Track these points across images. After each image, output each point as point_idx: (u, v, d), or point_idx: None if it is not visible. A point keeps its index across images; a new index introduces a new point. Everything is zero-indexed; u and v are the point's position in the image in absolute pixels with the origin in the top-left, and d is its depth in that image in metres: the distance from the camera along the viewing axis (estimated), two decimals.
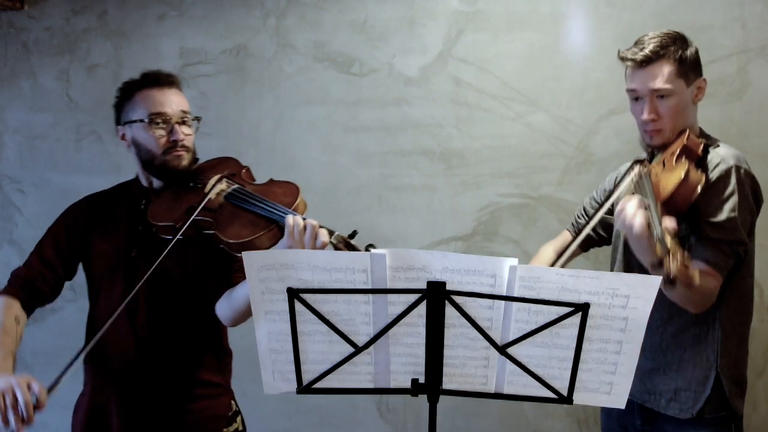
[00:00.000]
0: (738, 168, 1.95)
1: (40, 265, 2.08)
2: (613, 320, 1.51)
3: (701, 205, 1.92)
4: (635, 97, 2.04)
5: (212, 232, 1.95)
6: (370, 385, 1.62)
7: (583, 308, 1.49)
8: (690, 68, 2.00)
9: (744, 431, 2.10)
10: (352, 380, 1.61)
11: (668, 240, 1.62)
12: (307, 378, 1.61)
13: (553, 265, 2.11)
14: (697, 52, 2.05)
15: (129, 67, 3.32)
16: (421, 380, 1.58)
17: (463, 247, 3.06)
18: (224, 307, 1.98)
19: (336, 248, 1.82)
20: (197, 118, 2.13)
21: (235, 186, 2.06)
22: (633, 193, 1.89)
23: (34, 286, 2.06)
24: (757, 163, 2.87)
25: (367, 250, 1.73)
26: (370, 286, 1.52)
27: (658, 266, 1.64)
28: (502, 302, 1.52)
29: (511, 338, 1.54)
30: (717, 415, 2.00)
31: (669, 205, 1.84)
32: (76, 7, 3.37)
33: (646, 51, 1.97)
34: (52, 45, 3.40)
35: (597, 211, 2.07)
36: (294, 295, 1.54)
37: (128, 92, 2.10)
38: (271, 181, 2.12)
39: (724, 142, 2.06)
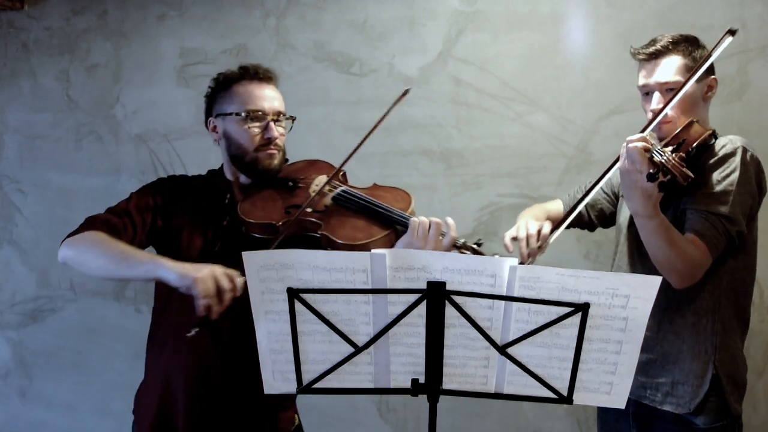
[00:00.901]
0: (745, 150, 1.95)
1: (124, 216, 1.95)
2: (613, 320, 1.51)
3: (701, 180, 1.93)
4: (646, 92, 2.06)
5: (320, 233, 1.91)
6: (370, 385, 1.62)
7: (583, 308, 1.49)
8: (702, 64, 1.99)
9: (744, 431, 2.10)
10: (352, 380, 1.61)
11: (667, 150, 1.74)
12: (307, 378, 1.61)
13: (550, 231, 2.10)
14: (709, 55, 2.02)
15: (129, 67, 3.33)
16: (421, 380, 1.58)
17: None
18: None
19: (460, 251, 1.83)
20: (292, 118, 2.09)
21: (343, 187, 2.02)
22: None
23: (116, 232, 1.92)
24: None
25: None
26: (370, 286, 1.52)
27: (650, 178, 1.72)
28: (502, 302, 1.52)
29: (511, 338, 1.54)
30: (716, 425, 1.98)
31: (671, 142, 1.90)
32: (76, 7, 3.37)
33: (657, 45, 2.01)
34: (52, 45, 3.40)
35: (595, 183, 2.07)
36: (294, 295, 1.54)
37: (225, 84, 2.05)
38: (376, 185, 2.11)
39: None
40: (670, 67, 2.00)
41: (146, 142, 3.30)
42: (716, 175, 1.94)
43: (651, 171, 1.73)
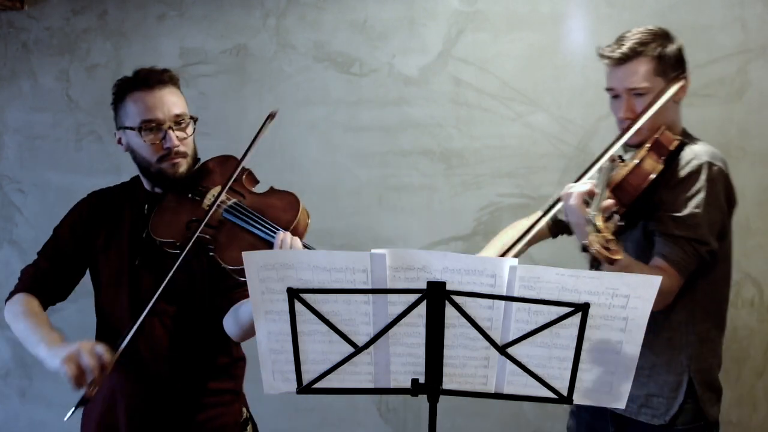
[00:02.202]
0: (710, 165, 1.89)
1: (48, 264, 2.04)
2: (613, 320, 1.51)
3: (668, 200, 1.89)
4: (614, 95, 2.01)
5: (211, 251, 1.87)
6: (370, 385, 1.62)
7: (583, 308, 1.49)
8: (670, 66, 1.95)
9: (746, 427, 2.09)
10: (352, 380, 1.61)
11: (599, 220, 1.66)
12: (307, 378, 1.60)
13: (512, 246, 2.04)
14: (680, 49, 1.98)
15: (129, 67, 3.30)
16: (421, 380, 1.58)
17: (463, 247, 3.06)
18: (230, 323, 1.91)
19: None
20: (193, 118, 2.00)
21: (233, 201, 1.95)
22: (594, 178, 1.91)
23: (44, 285, 2.03)
24: (757, 163, 2.89)
25: None
26: (370, 286, 1.52)
27: (585, 249, 1.67)
28: (502, 302, 1.51)
29: (511, 338, 1.54)
30: (691, 426, 1.95)
31: (618, 191, 1.84)
32: (76, 7, 3.37)
33: (624, 49, 1.93)
34: (52, 45, 3.40)
35: (535, 223, 2.04)
36: (294, 295, 1.53)
37: (120, 94, 1.98)
38: (272, 190, 2.01)
39: (705, 142, 2.00)
40: (638, 72, 1.93)
41: None
42: (682, 197, 1.87)
43: (583, 243, 1.70)
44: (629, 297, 1.50)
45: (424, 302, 1.51)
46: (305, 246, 1.83)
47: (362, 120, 3.16)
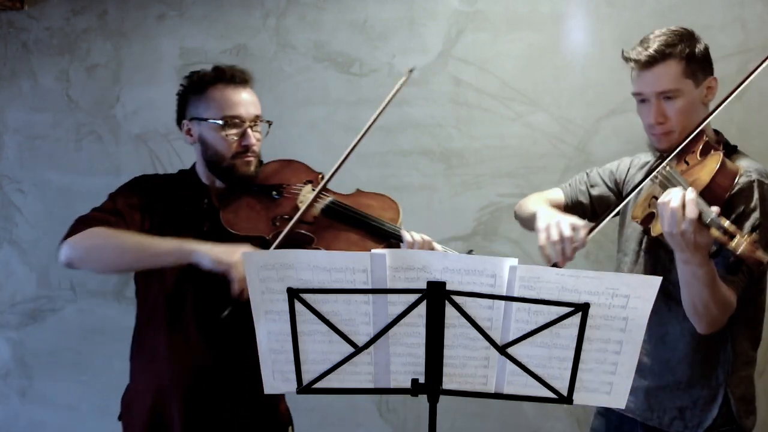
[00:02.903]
0: (761, 183, 1.82)
1: (116, 215, 1.93)
2: (613, 320, 1.51)
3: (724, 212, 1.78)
4: (641, 99, 1.95)
5: (313, 247, 1.90)
6: (370, 385, 1.62)
7: (583, 308, 1.49)
8: (699, 67, 1.90)
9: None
10: (352, 380, 1.61)
11: (725, 221, 1.57)
12: (307, 378, 1.61)
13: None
14: (706, 49, 1.94)
15: (129, 67, 3.33)
16: (421, 380, 1.58)
17: (463, 247, 3.06)
18: None
19: None
20: (268, 122, 2.05)
21: (331, 198, 2.00)
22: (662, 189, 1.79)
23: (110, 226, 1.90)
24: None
25: None
26: (370, 286, 1.52)
27: (715, 254, 1.58)
28: (502, 302, 1.52)
29: (511, 338, 1.54)
30: (722, 430, 1.93)
31: (707, 197, 1.70)
32: (76, 7, 3.37)
33: (651, 50, 1.87)
34: (52, 45, 3.40)
35: (605, 198, 2.05)
36: (294, 295, 1.54)
37: (200, 86, 1.98)
38: (359, 192, 2.08)
39: (744, 151, 1.96)
40: (667, 75, 1.87)
41: (146, 142, 3.30)
42: (737, 213, 1.77)
43: (719, 242, 1.58)
44: (629, 297, 1.50)
45: (424, 302, 1.51)
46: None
47: (362, 120, 3.12)
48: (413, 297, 1.52)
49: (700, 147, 1.85)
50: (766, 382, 2.89)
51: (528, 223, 2.14)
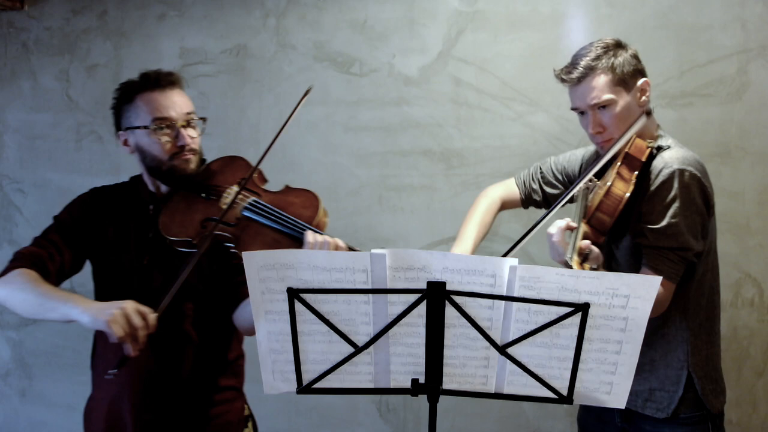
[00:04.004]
0: (682, 172, 1.90)
1: (49, 245, 1.96)
2: (613, 320, 1.51)
3: (646, 211, 1.92)
4: (580, 113, 2.06)
5: (233, 249, 1.89)
6: (370, 385, 1.62)
7: (583, 308, 1.49)
8: (628, 74, 1.99)
9: (746, 427, 2.10)
10: (352, 380, 1.61)
11: (575, 264, 1.71)
12: (307, 378, 1.61)
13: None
14: (634, 56, 2.02)
15: (129, 67, 3.33)
16: (421, 380, 1.58)
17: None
18: (244, 317, 1.92)
19: None
20: (203, 119, 2.04)
21: (251, 198, 1.98)
22: (576, 201, 1.99)
23: (43, 264, 1.93)
24: (757, 163, 2.89)
25: None
26: (370, 286, 1.52)
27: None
28: (502, 302, 1.52)
29: (511, 338, 1.54)
30: (692, 415, 2.00)
31: (595, 221, 1.89)
32: (76, 7, 3.37)
33: (579, 69, 2.00)
34: (52, 45, 3.40)
35: (556, 196, 2.16)
36: (294, 295, 1.54)
37: (128, 95, 1.99)
38: (288, 188, 2.04)
39: (679, 144, 2.02)
40: (596, 88, 1.98)
41: None
42: (658, 208, 1.90)
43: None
44: (629, 297, 1.50)
45: (424, 302, 1.51)
46: (349, 248, 1.85)
47: (362, 120, 3.16)
48: (413, 297, 1.52)
49: (620, 160, 1.94)
50: (766, 382, 2.89)
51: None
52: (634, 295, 1.50)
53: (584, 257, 1.77)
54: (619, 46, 2.02)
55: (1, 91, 3.47)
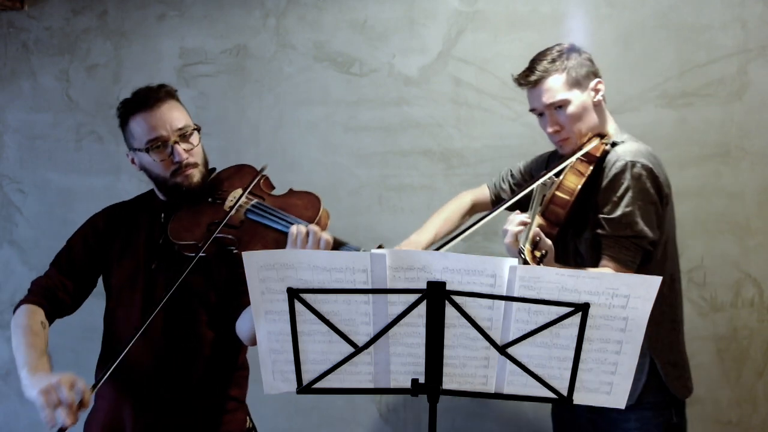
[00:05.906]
0: (633, 164, 2.00)
1: (59, 275, 2.05)
2: (613, 320, 1.52)
3: (601, 203, 2.02)
4: (538, 114, 2.15)
5: (235, 253, 1.91)
6: (370, 385, 1.62)
7: (583, 308, 1.49)
8: (581, 75, 2.09)
9: (746, 427, 2.11)
10: (352, 380, 1.61)
11: (527, 253, 1.80)
12: (307, 378, 1.61)
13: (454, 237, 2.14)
14: (588, 58, 2.13)
15: (129, 67, 3.33)
16: (421, 380, 1.58)
17: (463, 247, 3.06)
18: (246, 326, 1.91)
19: None
20: (197, 128, 2.04)
21: (255, 201, 2.01)
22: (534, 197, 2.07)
23: (55, 296, 2.03)
24: (757, 163, 2.89)
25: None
26: (370, 286, 1.52)
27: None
28: (502, 302, 1.52)
29: (511, 338, 1.54)
30: (656, 400, 2.05)
31: (549, 214, 2.02)
32: (76, 7, 3.37)
33: (535, 73, 2.09)
34: (52, 45, 3.40)
35: (516, 193, 2.20)
36: (294, 295, 1.54)
37: (124, 118, 2.04)
38: (291, 191, 2.08)
39: (633, 139, 2.12)
40: (552, 89, 2.08)
41: None
42: (612, 199, 2.00)
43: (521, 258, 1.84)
44: (629, 297, 1.50)
45: (424, 302, 1.51)
46: (335, 239, 1.88)
47: (362, 120, 3.15)
48: (413, 297, 1.52)
49: (576, 157, 2.05)
50: (766, 382, 2.89)
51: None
52: (634, 295, 1.50)
53: (535, 244, 1.85)
54: (573, 50, 2.13)
55: (1, 91, 3.47)
